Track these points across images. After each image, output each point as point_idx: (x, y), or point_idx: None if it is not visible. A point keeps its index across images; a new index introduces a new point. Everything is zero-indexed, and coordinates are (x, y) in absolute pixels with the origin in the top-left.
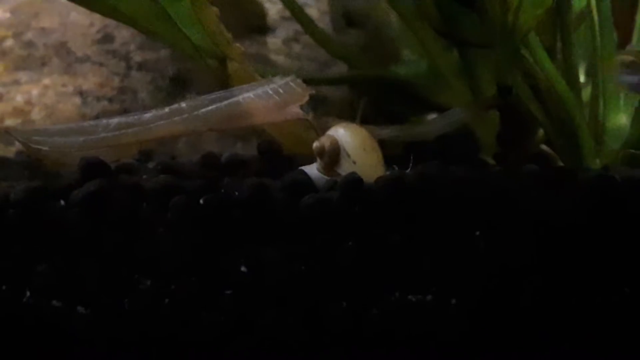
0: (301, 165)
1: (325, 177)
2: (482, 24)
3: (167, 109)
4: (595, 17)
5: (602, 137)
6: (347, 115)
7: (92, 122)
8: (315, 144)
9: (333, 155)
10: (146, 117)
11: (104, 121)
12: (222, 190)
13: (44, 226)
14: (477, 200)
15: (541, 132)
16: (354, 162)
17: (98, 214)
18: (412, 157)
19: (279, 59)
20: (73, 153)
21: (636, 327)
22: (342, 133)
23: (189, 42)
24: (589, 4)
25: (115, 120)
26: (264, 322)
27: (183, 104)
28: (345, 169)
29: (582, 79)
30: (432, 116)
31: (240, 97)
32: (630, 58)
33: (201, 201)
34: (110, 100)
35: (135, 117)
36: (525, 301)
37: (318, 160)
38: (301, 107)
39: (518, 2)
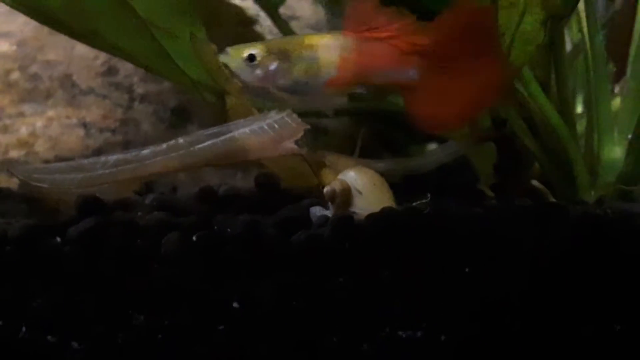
0: (296, 198)
1: None
2: None
3: (164, 145)
4: (589, 51)
5: (597, 170)
6: (347, 145)
7: (91, 160)
8: (327, 189)
9: (344, 197)
10: (144, 154)
11: (103, 158)
12: (215, 227)
13: (41, 263)
14: (467, 237)
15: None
16: (367, 199)
17: (93, 251)
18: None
19: None
20: (72, 190)
21: None
22: (352, 174)
23: (187, 78)
24: (583, 38)
25: (113, 157)
26: (256, 357)
27: (180, 140)
28: (359, 206)
29: (580, 109)
30: (431, 146)
31: (236, 133)
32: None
33: (194, 238)
34: (113, 131)
35: (134, 153)
36: (515, 336)
37: (330, 204)
38: (297, 141)
39: (510, 38)
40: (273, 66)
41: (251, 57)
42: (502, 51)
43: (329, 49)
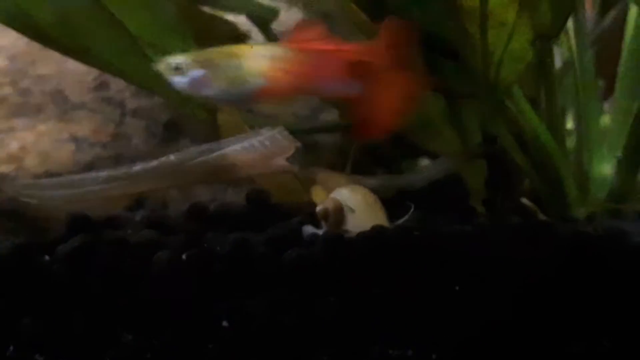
0: (287, 214)
1: None
2: (467, 77)
3: (155, 162)
4: (578, 69)
5: (587, 186)
6: (338, 161)
7: (81, 176)
8: (319, 208)
9: (337, 215)
10: (135, 170)
11: (93, 174)
12: (205, 245)
13: (29, 281)
14: (457, 255)
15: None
16: (359, 217)
17: (82, 269)
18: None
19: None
20: (62, 206)
21: None
22: (345, 193)
23: (179, 94)
24: (572, 56)
25: (104, 174)
26: None
27: (172, 157)
28: (352, 225)
29: (569, 126)
30: (423, 161)
31: (227, 150)
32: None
33: (184, 256)
34: (104, 146)
35: (124, 170)
36: (505, 354)
37: (323, 223)
38: (288, 158)
39: (499, 57)
40: (198, 74)
41: (178, 66)
42: (419, 63)
43: (256, 58)
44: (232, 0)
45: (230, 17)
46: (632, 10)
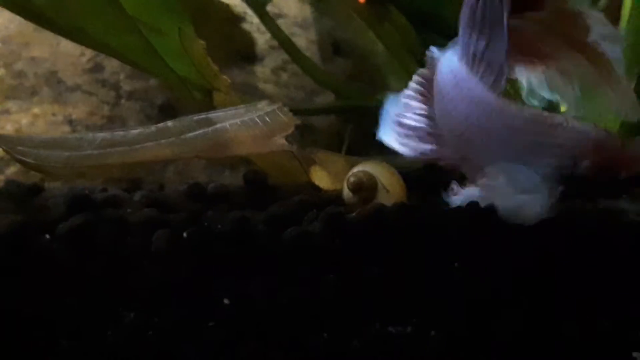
0: (285, 195)
1: None
2: None
3: (153, 128)
4: None
5: None
6: (333, 142)
7: (77, 136)
8: (352, 179)
9: (370, 189)
10: (132, 135)
11: (90, 135)
12: (206, 224)
13: (30, 260)
14: (455, 232)
15: None
16: (390, 194)
17: (83, 248)
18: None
19: (267, 87)
20: (59, 169)
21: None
22: (377, 169)
23: (176, 75)
24: None
25: (100, 136)
26: (246, 353)
27: (169, 123)
28: (382, 200)
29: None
30: None
31: (227, 124)
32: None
33: (185, 235)
34: (99, 128)
35: (122, 133)
36: (503, 332)
37: (352, 194)
38: (286, 137)
39: None
40: None
41: None
42: None
43: None
44: None
45: None
46: None
